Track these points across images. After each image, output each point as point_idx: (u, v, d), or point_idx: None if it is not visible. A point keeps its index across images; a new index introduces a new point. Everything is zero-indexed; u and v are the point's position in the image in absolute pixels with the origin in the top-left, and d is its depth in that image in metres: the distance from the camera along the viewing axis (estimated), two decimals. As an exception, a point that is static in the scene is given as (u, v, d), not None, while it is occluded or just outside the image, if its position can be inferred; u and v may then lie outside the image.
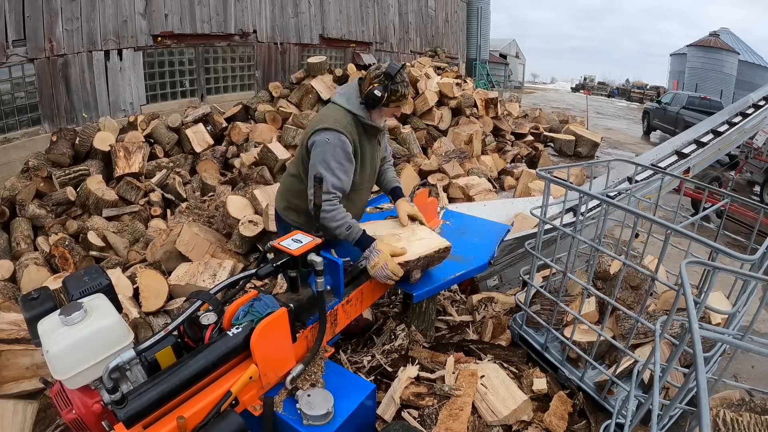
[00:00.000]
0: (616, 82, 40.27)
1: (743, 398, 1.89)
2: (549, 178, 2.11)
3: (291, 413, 1.34)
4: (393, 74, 1.80)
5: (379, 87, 1.80)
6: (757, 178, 7.67)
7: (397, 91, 1.83)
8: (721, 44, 23.42)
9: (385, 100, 1.83)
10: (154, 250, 3.33)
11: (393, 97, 1.84)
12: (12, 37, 5.52)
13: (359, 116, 1.87)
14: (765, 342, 1.69)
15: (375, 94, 1.80)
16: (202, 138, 5.79)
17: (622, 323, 2.07)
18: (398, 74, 1.82)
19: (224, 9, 8.25)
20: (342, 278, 1.66)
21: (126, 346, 1.16)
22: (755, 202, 2.38)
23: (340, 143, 1.78)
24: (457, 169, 5.42)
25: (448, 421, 1.70)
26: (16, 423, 1.92)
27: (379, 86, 1.81)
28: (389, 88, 1.81)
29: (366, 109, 1.88)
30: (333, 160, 1.77)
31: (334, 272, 1.63)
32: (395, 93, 1.83)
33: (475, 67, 19.68)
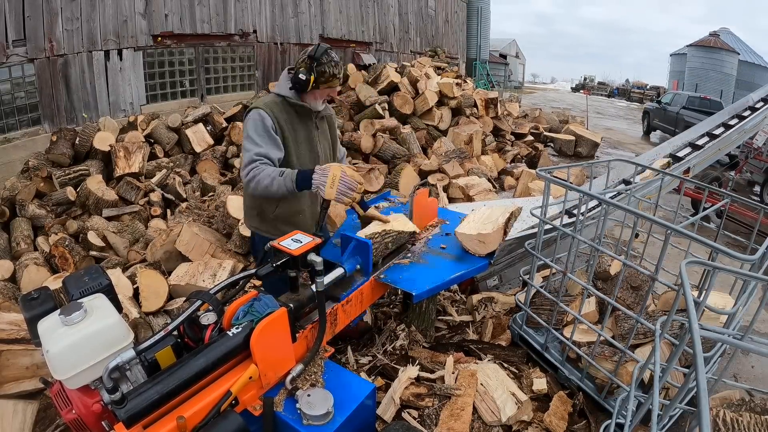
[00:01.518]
0: (616, 82, 40.29)
1: (743, 398, 1.89)
2: (549, 178, 2.11)
3: (291, 413, 1.34)
4: (318, 56, 1.83)
5: (304, 71, 1.84)
6: (757, 178, 7.67)
7: (324, 72, 1.85)
8: (721, 44, 23.43)
9: (314, 82, 1.86)
10: (154, 250, 3.33)
11: (321, 78, 1.86)
12: (12, 37, 5.52)
13: (287, 97, 1.92)
14: (765, 342, 1.69)
15: (299, 78, 1.85)
16: (202, 138, 5.79)
17: (621, 323, 2.07)
18: (324, 55, 1.84)
19: (224, 9, 8.25)
20: (371, 257, 1.71)
21: (126, 346, 1.16)
22: (755, 202, 2.38)
23: (259, 117, 1.84)
24: (457, 169, 5.42)
25: (449, 422, 1.70)
26: (16, 423, 1.92)
27: (303, 70, 1.84)
28: (315, 70, 1.84)
29: (297, 93, 1.92)
30: (253, 133, 1.84)
31: (364, 252, 1.69)
32: (323, 74, 1.85)
33: (475, 67, 19.68)
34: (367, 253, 1.69)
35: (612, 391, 1.94)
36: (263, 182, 1.78)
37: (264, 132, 1.86)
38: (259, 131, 1.85)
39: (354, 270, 1.71)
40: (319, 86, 1.89)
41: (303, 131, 2.01)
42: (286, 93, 1.92)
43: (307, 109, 1.97)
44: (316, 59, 1.83)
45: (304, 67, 1.85)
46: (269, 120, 1.86)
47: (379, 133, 6.02)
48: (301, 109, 1.96)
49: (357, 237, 1.70)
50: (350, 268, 1.68)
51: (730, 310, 1.55)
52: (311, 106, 1.96)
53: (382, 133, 6.04)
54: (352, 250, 1.72)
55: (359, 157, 5.83)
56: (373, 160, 5.80)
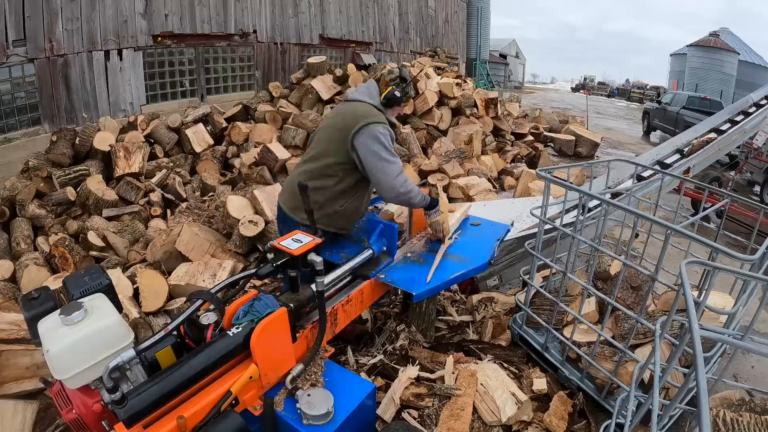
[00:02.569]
0: (616, 82, 40.31)
1: (743, 398, 1.88)
2: (549, 178, 2.11)
3: (291, 413, 1.34)
4: (407, 78, 2.11)
5: (398, 89, 2.07)
6: (757, 178, 7.67)
7: (407, 92, 2.13)
8: (721, 44, 23.42)
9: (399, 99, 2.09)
10: (154, 250, 3.33)
11: (405, 97, 2.12)
12: (12, 37, 5.52)
13: (384, 113, 2.08)
14: (765, 342, 1.69)
15: (396, 95, 2.06)
16: (202, 138, 5.79)
17: (621, 323, 2.07)
18: (408, 78, 2.12)
19: (224, 9, 8.25)
20: (396, 240, 1.93)
21: (126, 345, 1.16)
22: (755, 202, 2.38)
23: (390, 133, 1.98)
24: (457, 169, 5.42)
25: (449, 422, 1.70)
26: (16, 423, 1.92)
27: (397, 88, 2.06)
28: (404, 90, 2.09)
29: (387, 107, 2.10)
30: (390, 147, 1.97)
31: (390, 235, 1.92)
32: (406, 94, 2.12)
33: (475, 67, 19.68)
34: (393, 236, 1.91)
35: (612, 391, 1.94)
36: (414, 199, 1.99)
37: (392, 146, 1.99)
38: (390, 145, 1.97)
39: (381, 251, 1.92)
40: (400, 104, 2.12)
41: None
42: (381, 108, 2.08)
43: (393, 125, 2.14)
44: (406, 81, 2.10)
45: (396, 86, 2.08)
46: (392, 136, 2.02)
47: (379, 133, 6.01)
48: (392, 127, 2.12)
49: (383, 221, 1.95)
50: (377, 250, 1.90)
51: (730, 310, 1.55)
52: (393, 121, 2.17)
53: (382, 133, 6.02)
54: (379, 233, 1.92)
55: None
56: (373, 160, 5.79)
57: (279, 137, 5.76)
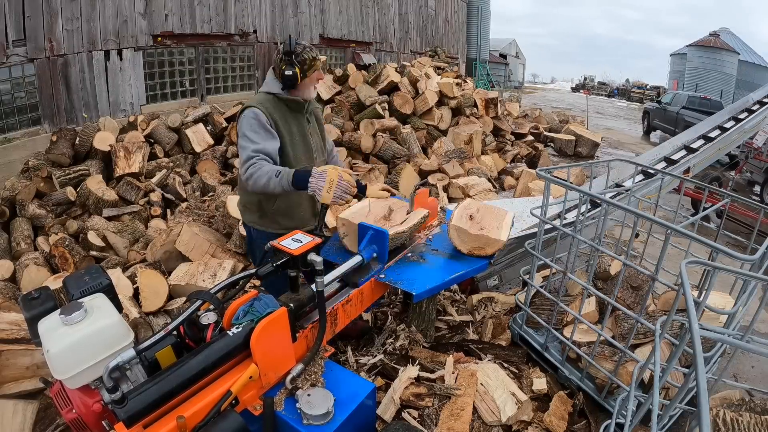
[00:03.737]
0: (616, 82, 40.31)
1: (743, 398, 1.89)
2: (549, 178, 2.11)
3: (291, 413, 1.34)
4: (293, 49, 1.89)
5: (288, 67, 1.89)
6: (757, 178, 7.68)
7: (305, 60, 1.92)
8: (721, 44, 23.43)
9: (301, 73, 1.92)
10: (154, 250, 3.33)
11: (305, 66, 1.92)
12: (12, 37, 5.52)
13: (277, 94, 1.97)
14: (765, 342, 1.69)
15: (287, 75, 1.90)
16: (202, 138, 5.79)
17: (621, 323, 2.07)
18: (297, 45, 1.90)
19: (224, 9, 8.25)
20: (387, 246, 1.79)
21: (126, 345, 1.16)
22: (755, 202, 2.38)
23: (253, 115, 1.87)
24: (457, 169, 5.42)
25: (449, 421, 1.70)
26: (16, 423, 1.92)
27: (287, 66, 1.89)
28: (297, 62, 1.90)
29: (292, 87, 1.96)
30: (249, 131, 1.86)
31: (381, 241, 1.78)
32: (305, 62, 1.92)
33: (475, 67, 19.68)
34: (384, 242, 1.78)
35: (612, 391, 1.94)
36: (260, 181, 1.80)
37: (259, 128, 1.88)
38: (255, 128, 1.87)
39: (371, 258, 1.80)
40: (307, 75, 1.95)
41: (296, 126, 2.05)
42: (274, 90, 1.97)
43: (299, 103, 2.02)
44: (293, 53, 1.89)
45: (286, 64, 1.90)
46: (263, 116, 1.89)
47: (379, 133, 6.02)
48: (293, 104, 2.01)
49: (374, 227, 1.79)
50: (367, 256, 1.77)
51: (730, 310, 1.55)
52: (305, 97, 2.02)
53: (382, 133, 6.03)
54: (370, 239, 1.81)
55: (359, 157, 5.83)
56: (373, 160, 5.80)
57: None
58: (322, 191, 1.73)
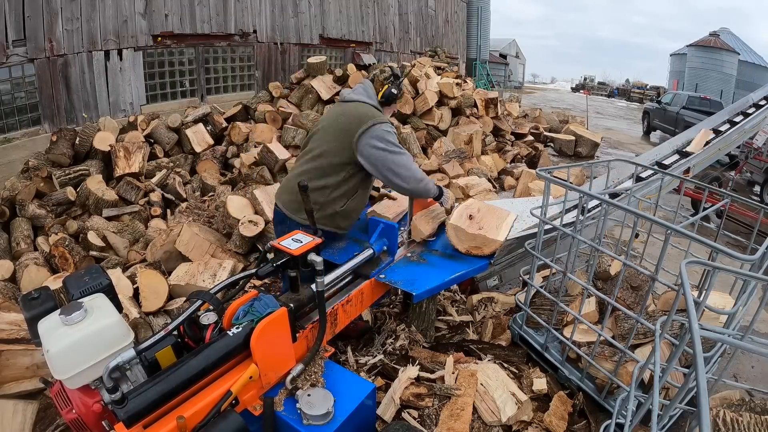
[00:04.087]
0: (616, 82, 40.29)
1: (743, 398, 1.89)
2: (549, 178, 2.11)
3: (291, 413, 1.34)
4: (400, 75, 2.13)
5: (394, 86, 2.11)
6: (757, 178, 7.67)
7: (401, 89, 2.16)
8: (721, 44, 23.42)
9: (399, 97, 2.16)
10: (154, 250, 3.32)
11: (400, 94, 2.17)
12: (12, 37, 5.52)
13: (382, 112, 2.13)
14: (765, 342, 1.69)
15: (392, 92, 2.11)
16: (202, 138, 5.79)
17: (621, 323, 2.07)
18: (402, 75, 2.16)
19: (224, 9, 8.24)
20: (397, 239, 1.96)
21: (126, 345, 1.16)
22: (755, 202, 2.38)
23: (393, 128, 2.04)
24: (457, 169, 5.42)
25: (449, 422, 1.70)
26: (16, 423, 1.92)
27: (392, 86, 2.11)
28: (398, 88, 2.13)
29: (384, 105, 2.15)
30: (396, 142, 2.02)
31: (391, 235, 1.93)
32: (401, 91, 2.16)
33: (475, 67, 19.68)
34: (394, 236, 1.93)
35: (612, 391, 1.94)
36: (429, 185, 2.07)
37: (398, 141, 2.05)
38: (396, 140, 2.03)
39: (381, 251, 1.93)
40: (396, 102, 2.17)
41: None
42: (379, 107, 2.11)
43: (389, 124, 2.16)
44: (397, 77, 2.12)
45: (391, 84, 2.11)
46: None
47: (379, 133, 6.00)
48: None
49: (383, 220, 1.96)
50: (378, 249, 1.91)
51: (730, 310, 1.55)
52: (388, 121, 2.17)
53: (382, 133, 6.02)
54: (380, 233, 1.94)
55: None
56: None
57: (279, 137, 5.76)
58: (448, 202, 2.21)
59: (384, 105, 2.13)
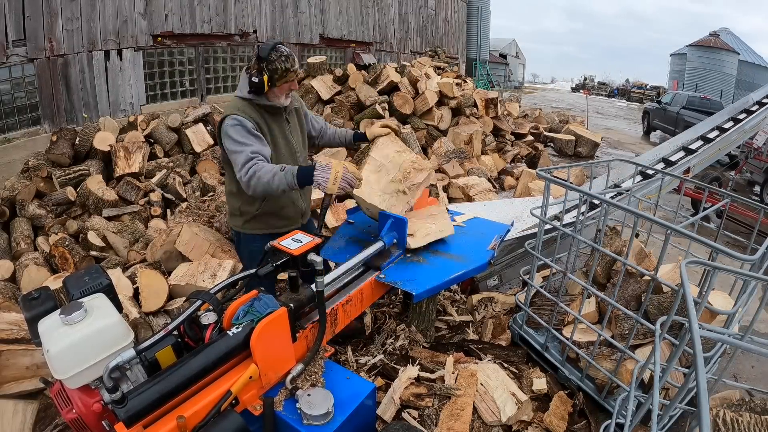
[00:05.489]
0: (616, 82, 40.28)
1: (743, 398, 1.89)
2: (549, 178, 2.11)
3: (291, 413, 1.34)
4: (265, 56, 1.81)
5: (256, 73, 1.83)
6: (757, 178, 7.67)
7: (276, 69, 1.82)
8: (721, 44, 23.42)
9: (269, 81, 1.84)
10: (154, 250, 3.32)
11: (275, 75, 1.84)
12: (12, 37, 5.52)
13: (252, 100, 1.91)
14: (765, 342, 1.69)
15: (253, 81, 1.83)
16: (202, 138, 5.79)
17: (621, 323, 2.07)
18: (272, 52, 1.81)
19: (224, 9, 8.25)
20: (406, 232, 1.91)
21: (126, 345, 1.16)
22: (755, 202, 2.38)
23: (238, 122, 1.83)
24: (457, 169, 5.42)
25: (449, 421, 1.70)
26: (16, 423, 1.92)
27: (255, 72, 1.83)
28: (267, 69, 1.82)
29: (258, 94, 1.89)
30: (239, 136, 1.82)
31: (400, 228, 1.90)
32: (275, 71, 1.83)
33: (475, 67, 19.69)
34: (403, 229, 1.89)
35: (612, 391, 1.94)
36: (264, 178, 1.75)
37: (248, 133, 1.84)
38: (243, 134, 1.83)
39: (391, 243, 1.92)
40: (276, 84, 1.87)
41: (277, 129, 2.01)
42: (249, 96, 1.91)
43: (275, 107, 1.97)
44: (264, 59, 1.81)
45: (255, 70, 1.83)
46: (249, 122, 1.85)
47: (379, 133, 6.01)
48: (270, 108, 1.96)
49: (394, 215, 1.89)
50: (388, 242, 1.89)
51: (730, 310, 1.55)
52: (277, 104, 1.96)
53: (382, 133, 6.02)
54: (390, 227, 1.91)
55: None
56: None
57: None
58: (328, 183, 1.71)
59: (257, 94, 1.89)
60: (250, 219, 2.06)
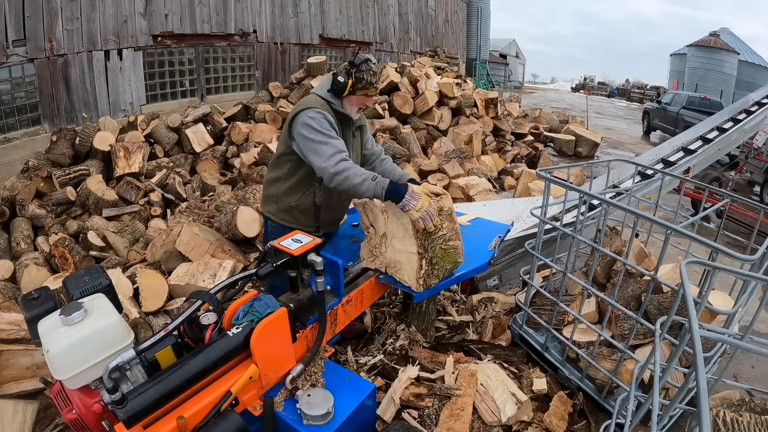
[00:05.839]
0: (616, 82, 40.30)
1: (743, 398, 1.89)
2: (549, 178, 2.11)
3: (291, 413, 1.34)
4: (358, 63, 1.88)
5: (343, 74, 1.89)
6: (757, 178, 7.67)
7: (362, 78, 1.89)
8: (721, 44, 23.42)
9: (351, 87, 1.89)
10: (154, 250, 3.32)
11: (359, 84, 1.90)
12: (12, 37, 5.53)
13: (331, 102, 1.94)
14: (765, 342, 1.69)
15: (338, 80, 1.89)
16: (202, 138, 5.79)
17: (621, 323, 2.07)
18: (364, 64, 1.89)
19: (224, 9, 8.25)
20: (342, 279, 1.68)
21: (126, 346, 1.16)
22: (755, 202, 2.38)
23: (322, 116, 1.85)
24: (457, 169, 5.42)
25: (449, 422, 1.70)
26: (16, 423, 1.92)
27: (343, 74, 1.89)
28: (354, 76, 1.88)
29: (336, 97, 1.94)
30: (323, 128, 1.82)
31: (335, 273, 1.64)
32: (360, 80, 1.89)
33: (475, 67, 19.69)
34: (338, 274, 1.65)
35: (612, 391, 1.94)
36: (354, 179, 1.75)
37: (331, 128, 1.84)
38: (327, 127, 1.83)
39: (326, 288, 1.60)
40: (356, 92, 1.92)
41: (346, 138, 2.02)
42: (329, 98, 1.94)
43: (347, 117, 1.99)
44: (355, 65, 1.89)
45: (344, 71, 1.90)
46: (331, 118, 1.87)
47: (379, 132, 6.02)
48: (342, 117, 1.97)
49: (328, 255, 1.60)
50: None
51: (730, 310, 1.55)
52: (346, 112, 1.97)
53: (382, 133, 6.04)
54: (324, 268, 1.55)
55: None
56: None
57: (279, 137, 5.75)
58: (413, 210, 1.71)
59: (335, 94, 1.93)
60: (284, 209, 2.04)
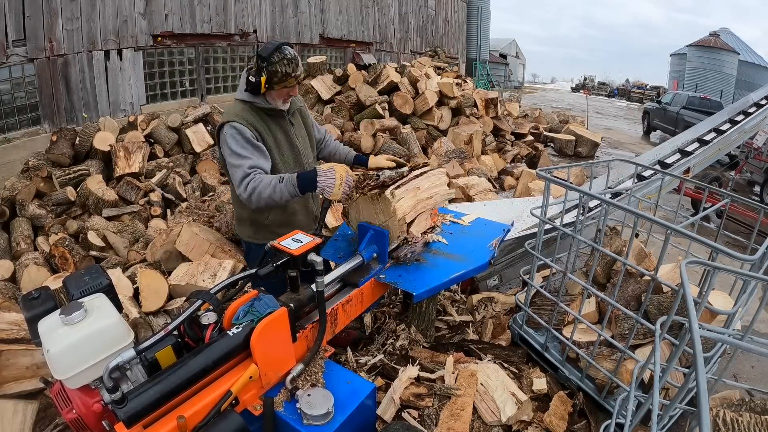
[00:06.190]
0: (616, 82, 40.33)
1: (743, 398, 1.89)
2: (549, 178, 2.11)
3: (291, 413, 1.34)
4: (266, 56, 1.72)
5: (254, 72, 1.75)
6: (757, 178, 7.68)
7: (276, 71, 1.73)
8: (721, 44, 23.42)
9: (266, 84, 1.75)
10: (154, 250, 3.32)
11: (274, 78, 1.75)
12: (12, 37, 5.53)
13: (253, 102, 1.83)
14: (765, 342, 1.69)
15: (250, 80, 1.76)
16: (202, 138, 5.79)
17: (621, 323, 2.07)
18: (275, 53, 1.72)
19: (224, 9, 8.25)
20: (387, 246, 1.75)
21: (126, 345, 1.16)
22: (755, 202, 2.38)
23: (236, 131, 1.76)
24: (457, 169, 5.42)
25: (449, 421, 1.70)
26: (16, 423, 1.92)
27: (254, 71, 1.75)
28: (266, 71, 1.73)
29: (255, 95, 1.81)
30: (237, 147, 1.75)
31: (381, 241, 1.74)
32: (275, 74, 1.74)
33: (475, 67, 19.69)
34: (384, 242, 1.74)
35: (612, 391, 1.94)
36: (264, 193, 1.70)
37: (246, 143, 1.77)
38: (242, 143, 1.76)
39: (371, 258, 1.77)
40: (274, 87, 1.78)
41: (280, 132, 1.93)
42: (248, 98, 1.83)
43: (275, 109, 1.89)
44: (265, 59, 1.71)
45: (254, 69, 1.74)
46: (248, 131, 1.78)
47: (379, 133, 6.02)
48: (270, 111, 1.88)
49: (374, 227, 1.72)
50: (368, 257, 1.75)
51: (730, 310, 1.55)
52: (275, 107, 1.87)
53: (382, 133, 6.04)
54: (370, 239, 1.76)
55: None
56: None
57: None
58: (333, 188, 1.66)
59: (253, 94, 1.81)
60: (261, 228, 2.00)
